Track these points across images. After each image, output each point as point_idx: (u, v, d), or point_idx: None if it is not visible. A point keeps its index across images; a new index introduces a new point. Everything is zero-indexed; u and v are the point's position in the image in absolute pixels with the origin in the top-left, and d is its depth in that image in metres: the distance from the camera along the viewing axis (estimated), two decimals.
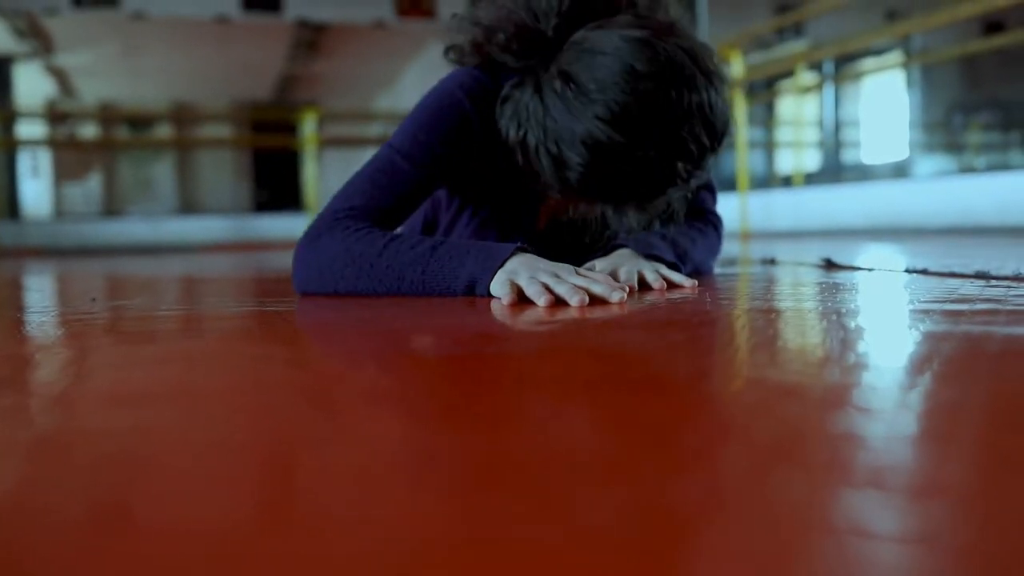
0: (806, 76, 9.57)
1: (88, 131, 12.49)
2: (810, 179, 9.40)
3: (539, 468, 0.35)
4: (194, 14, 7.85)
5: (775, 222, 5.65)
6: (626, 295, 0.97)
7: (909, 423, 0.42)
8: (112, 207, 12.68)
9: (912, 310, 0.90)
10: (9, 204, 8.63)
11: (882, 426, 0.41)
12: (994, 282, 1.12)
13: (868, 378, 0.54)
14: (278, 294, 1.35)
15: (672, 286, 1.15)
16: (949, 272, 1.28)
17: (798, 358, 0.65)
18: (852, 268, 1.54)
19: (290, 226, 7.16)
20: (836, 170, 10.72)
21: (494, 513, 0.30)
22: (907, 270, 1.39)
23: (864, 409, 0.45)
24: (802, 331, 0.82)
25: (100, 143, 12.21)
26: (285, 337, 0.87)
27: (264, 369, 0.66)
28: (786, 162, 10.46)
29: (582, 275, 1.01)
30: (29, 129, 11.14)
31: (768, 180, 9.74)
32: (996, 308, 0.86)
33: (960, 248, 2.22)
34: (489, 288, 1.03)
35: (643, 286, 1.14)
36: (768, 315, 0.92)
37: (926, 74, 9.85)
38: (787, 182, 8.35)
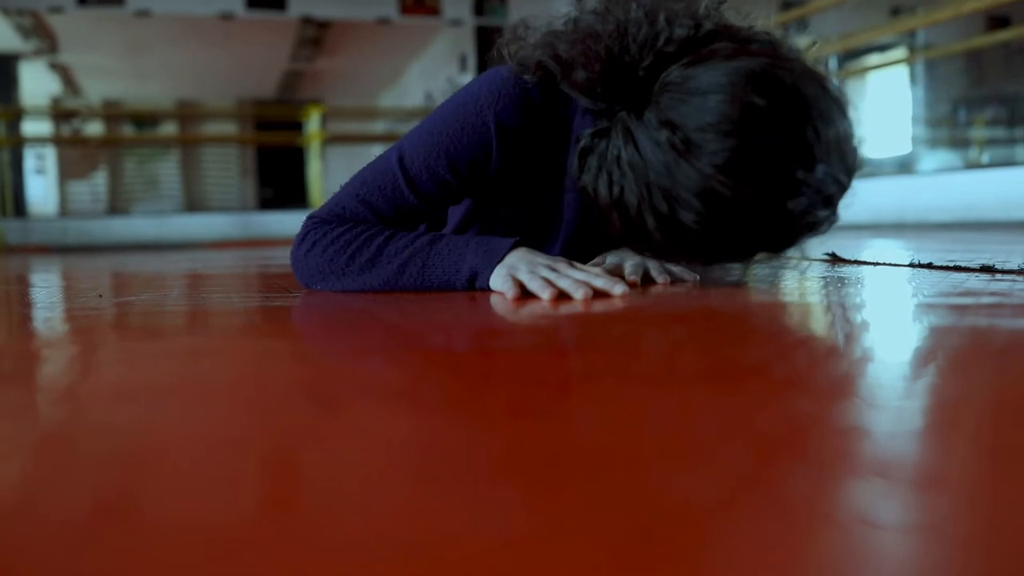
0: None
1: (93, 129, 12.50)
2: None
3: (542, 461, 0.35)
4: (198, 12, 7.85)
5: None
6: (628, 289, 0.98)
7: (914, 416, 0.42)
8: (117, 205, 12.70)
9: (918, 304, 0.90)
10: (15, 202, 8.64)
11: (888, 419, 0.41)
12: (999, 276, 1.12)
13: (874, 371, 0.54)
14: (283, 289, 1.35)
15: (676, 281, 1.15)
16: (954, 266, 1.28)
17: (804, 351, 0.65)
18: (857, 263, 1.53)
19: (295, 223, 7.10)
20: None
21: (498, 505, 0.30)
22: (912, 264, 1.39)
23: (870, 402, 0.45)
24: (808, 325, 0.82)
25: (105, 141, 12.21)
26: (290, 332, 0.87)
27: (269, 364, 0.66)
28: None
29: (581, 269, 1.01)
30: (34, 127, 11.16)
31: None
32: (1001, 302, 0.86)
33: (965, 243, 2.21)
34: (489, 282, 1.04)
35: (648, 281, 1.15)
36: (773, 309, 0.92)
37: (930, 69, 9.81)
38: None
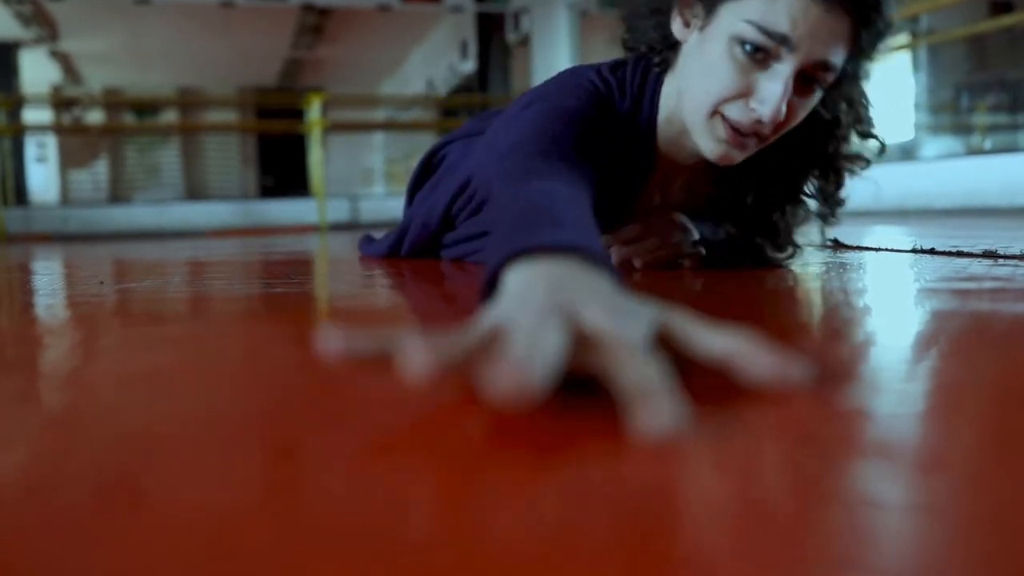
0: None
1: (94, 117, 12.48)
2: None
3: (546, 447, 0.35)
4: None
5: None
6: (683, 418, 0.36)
7: (917, 398, 0.42)
8: (119, 193, 12.69)
9: (919, 289, 0.90)
10: (16, 190, 8.64)
11: (891, 401, 0.41)
12: (1001, 261, 1.12)
13: (876, 355, 0.54)
14: (284, 276, 1.35)
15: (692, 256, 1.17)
16: (956, 251, 1.28)
17: (807, 335, 0.65)
18: (860, 248, 1.53)
19: (296, 211, 7.15)
20: None
21: (503, 490, 0.30)
22: (915, 250, 1.39)
23: (873, 385, 0.45)
24: (811, 309, 0.82)
25: (106, 129, 12.20)
26: (292, 318, 0.87)
27: (271, 348, 0.66)
28: None
29: (676, 335, 0.44)
30: (35, 115, 11.14)
31: None
32: (1004, 287, 0.86)
33: (967, 228, 2.21)
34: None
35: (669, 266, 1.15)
36: (775, 294, 0.92)
37: (933, 55, 9.77)
38: None
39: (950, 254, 1.27)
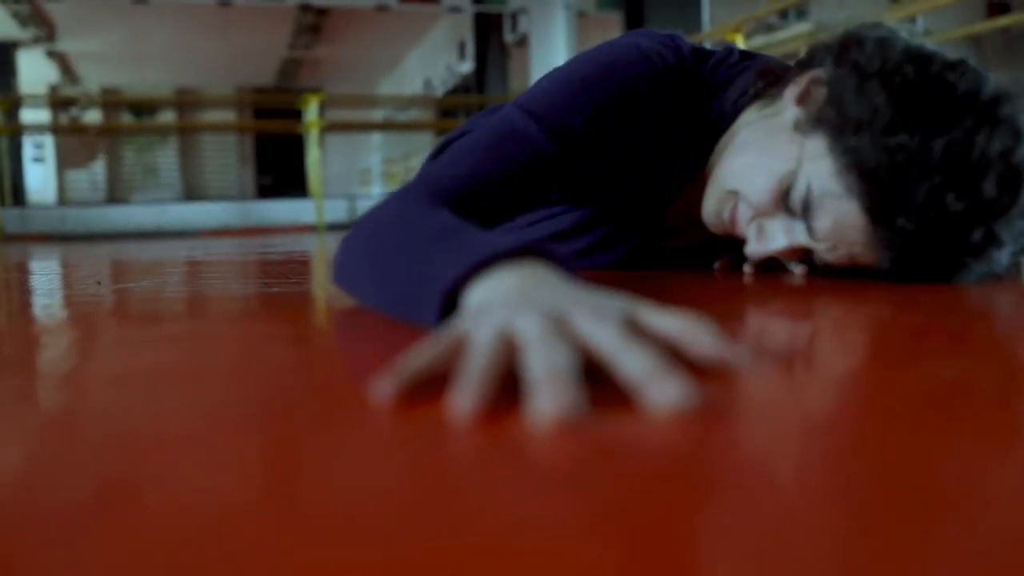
0: None
1: (92, 117, 12.47)
2: None
3: (551, 445, 0.35)
4: None
5: None
6: (690, 393, 0.37)
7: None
8: (116, 193, 12.67)
9: None
10: (14, 190, 8.62)
11: None
12: None
13: None
14: (281, 276, 1.35)
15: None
16: None
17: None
18: None
19: (294, 211, 7.14)
20: None
21: (504, 486, 0.30)
22: None
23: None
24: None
25: (104, 129, 12.18)
26: (290, 317, 0.88)
27: (269, 348, 0.67)
28: None
29: (633, 323, 0.44)
30: (33, 115, 11.12)
31: None
32: None
33: None
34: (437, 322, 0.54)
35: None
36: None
37: None
38: None
39: None
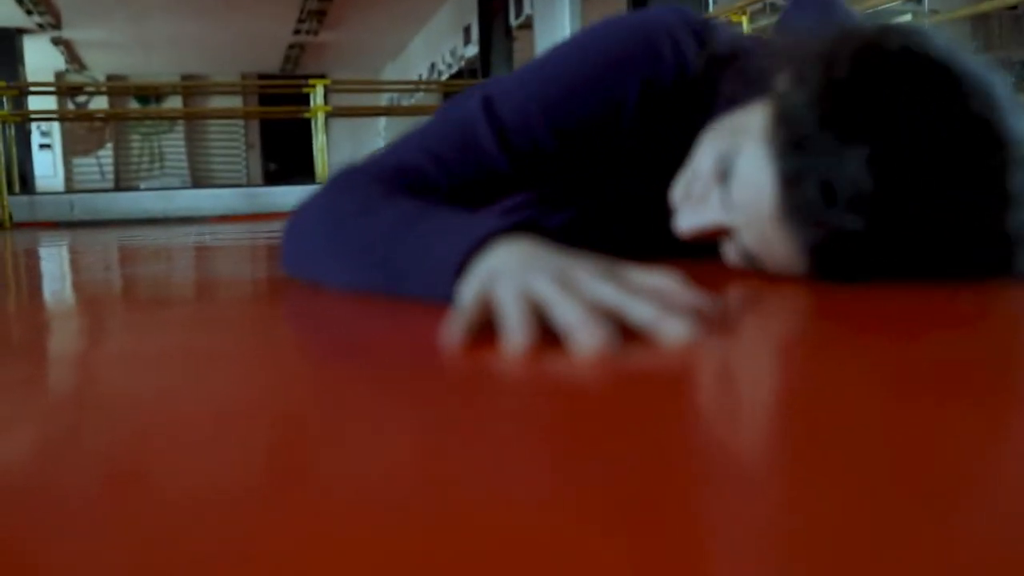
0: None
1: (98, 104, 12.44)
2: None
3: (551, 434, 0.36)
4: None
5: None
6: (694, 326, 0.47)
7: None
8: (123, 180, 12.66)
9: None
10: (21, 178, 8.62)
11: None
12: None
13: None
14: None
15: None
16: None
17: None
18: None
19: (300, 196, 7.09)
20: None
21: (506, 474, 0.30)
22: None
23: None
24: None
25: (110, 116, 12.16)
26: (297, 301, 0.88)
27: (277, 331, 0.67)
28: None
29: (626, 280, 0.52)
30: (39, 103, 11.11)
31: None
32: None
33: None
34: (455, 293, 0.58)
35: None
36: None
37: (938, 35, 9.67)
38: None
39: None
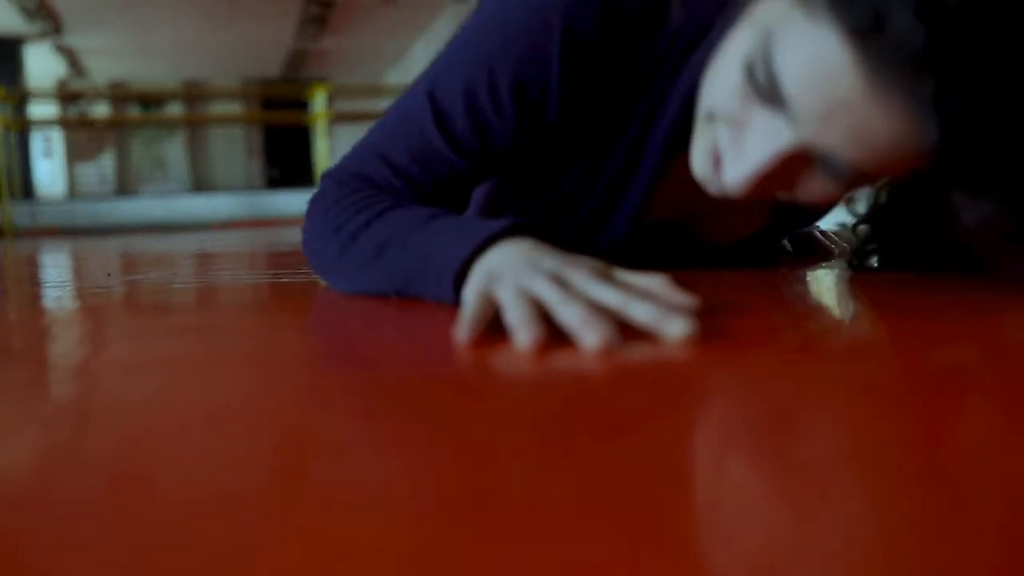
0: None
1: (99, 111, 12.50)
2: None
3: (551, 429, 0.35)
4: None
5: None
6: (692, 328, 0.49)
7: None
8: (125, 186, 12.71)
9: None
10: (23, 184, 8.66)
11: None
12: None
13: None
14: (291, 266, 1.35)
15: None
16: None
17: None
18: None
19: (302, 202, 7.12)
20: None
21: (505, 474, 0.30)
22: None
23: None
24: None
25: (112, 122, 12.21)
26: (299, 307, 0.88)
27: (278, 338, 0.66)
28: None
29: (620, 282, 0.55)
30: (41, 110, 11.14)
31: None
32: None
33: None
34: (457, 294, 0.62)
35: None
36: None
37: None
38: None
39: None
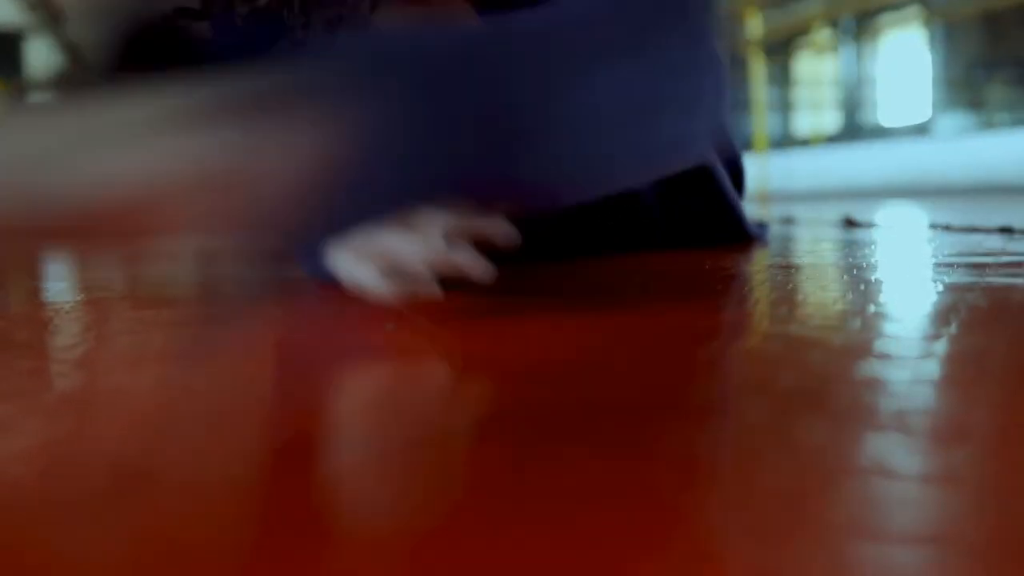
0: (824, 34, 9.45)
1: None
2: (831, 139, 9.35)
3: (550, 417, 0.35)
4: None
5: (794, 184, 5.61)
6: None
7: (933, 370, 0.41)
8: None
9: (935, 263, 0.89)
10: None
11: (906, 373, 0.40)
12: (1018, 236, 1.11)
13: (891, 328, 0.54)
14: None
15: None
16: (971, 227, 1.27)
17: (819, 311, 0.64)
18: (873, 225, 1.52)
19: None
20: (855, 130, 10.61)
21: (508, 466, 0.30)
22: (929, 226, 1.38)
23: (888, 357, 0.45)
24: (823, 285, 0.81)
25: None
26: (305, 297, 0.87)
27: (285, 329, 0.66)
28: (805, 123, 10.38)
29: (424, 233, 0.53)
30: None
31: (785, 141, 9.67)
32: (1021, 260, 0.85)
33: (983, 206, 2.19)
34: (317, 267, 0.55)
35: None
36: (788, 270, 0.91)
37: (947, 30, 9.70)
38: (805, 143, 8.29)
39: (965, 230, 1.26)
